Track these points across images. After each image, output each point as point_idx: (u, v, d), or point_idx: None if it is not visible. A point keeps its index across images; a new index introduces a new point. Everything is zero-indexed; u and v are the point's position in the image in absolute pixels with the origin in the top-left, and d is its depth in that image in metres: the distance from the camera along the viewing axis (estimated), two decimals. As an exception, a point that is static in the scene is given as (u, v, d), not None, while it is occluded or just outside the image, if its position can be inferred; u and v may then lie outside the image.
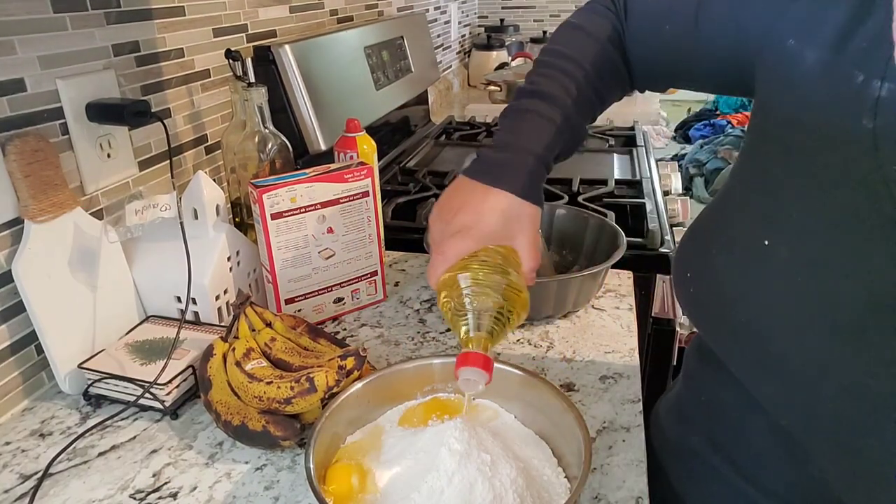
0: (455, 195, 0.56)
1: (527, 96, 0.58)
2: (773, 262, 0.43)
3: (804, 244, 0.41)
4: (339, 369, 0.58)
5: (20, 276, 0.62)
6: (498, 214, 0.53)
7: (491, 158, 0.56)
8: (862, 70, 0.37)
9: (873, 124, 0.36)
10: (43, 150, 0.64)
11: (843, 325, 0.38)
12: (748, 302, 0.45)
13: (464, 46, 2.45)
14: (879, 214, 0.37)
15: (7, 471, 0.57)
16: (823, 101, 0.40)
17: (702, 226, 0.53)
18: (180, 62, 0.87)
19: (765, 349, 0.44)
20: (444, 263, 0.52)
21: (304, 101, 1.01)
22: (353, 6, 1.41)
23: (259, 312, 0.66)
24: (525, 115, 0.57)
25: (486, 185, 0.54)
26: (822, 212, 0.40)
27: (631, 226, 1.04)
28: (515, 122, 0.58)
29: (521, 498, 0.46)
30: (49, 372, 0.67)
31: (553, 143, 0.57)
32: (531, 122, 0.57)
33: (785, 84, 0.44)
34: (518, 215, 0.54)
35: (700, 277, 0.50)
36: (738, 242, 0.47)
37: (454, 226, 0.53)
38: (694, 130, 3.89)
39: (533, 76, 0.59)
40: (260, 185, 0.70)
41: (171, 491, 0.55)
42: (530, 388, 0.56)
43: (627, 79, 0.62)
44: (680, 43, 0.55)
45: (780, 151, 0.44)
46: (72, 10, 0.69)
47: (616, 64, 0.60)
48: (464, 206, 0.54)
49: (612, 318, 0.79)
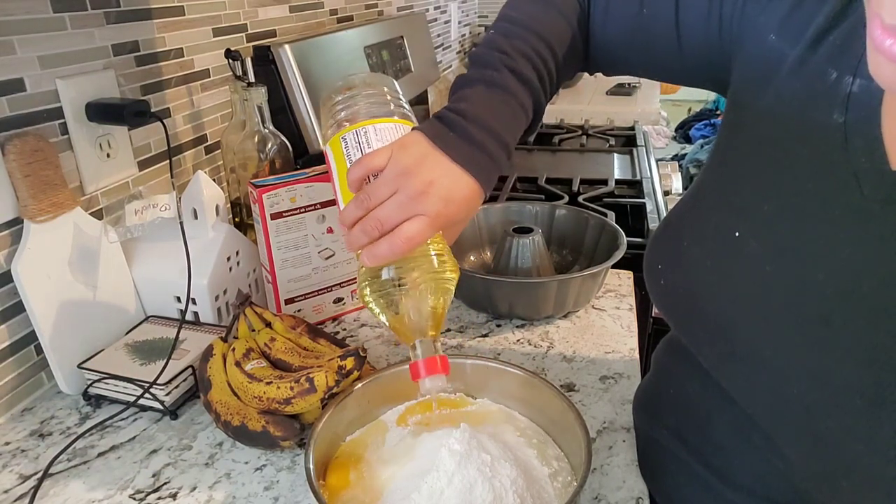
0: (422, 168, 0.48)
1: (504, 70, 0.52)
2: (743, 253, 0.43)
3: (773, 235, 0.42)
4: (339, 369, 0.58)
5: (20, 276, 0.62)
6: (465, 203, 0.49)
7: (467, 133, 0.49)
8: (836, 67, 0.39)
9: (844, 118, 0.38)
10: (42, 149, 0.64)
11: (809, 314, 0.39)
12: (718, 293, 0.45)
13: (464, 46, 2.45)
14: (847, 205, 0.38)
15: (7, 471, 0.57)
16: (798, 95, 0.42)
17: (675, 218, 0.53)
18: (180, 62, 0.87)
19: (733, 339, 0.44)
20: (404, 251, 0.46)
21: (303, 101, 1.01)
22: (353, 6, 1.41)
23: (259, 312, 0.66)
24: (503, 94, 0.52)
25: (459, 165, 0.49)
26: (792, 203, 0.41)
27: (631, 226, 1.04)
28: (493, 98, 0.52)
29: (522, 498, 0.46)
30: (49, 372, 0.67)
31: (520, 133, 0.54)
32: (509, 107, 0.52)
33: (762, 78, 0.45)
34: (475, 207, 0.51)
35: (671, 269, 0.50)
36: (709, 234, 0.47)
37: (419, 207, 0.46)
38: (694, 130, 3.89)
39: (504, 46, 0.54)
40: (260, 184, 0.70)
41: (170, 491, 0.54)
42: (530, 388, 0.56)
43: (583, 61, 0.59)
44: (655, 27, 0.53)
45: (753, 144, 0.45)
46: (71, 9, 0.69)
47: (578, 45, 0.57)
48: (433, 186, 0.47)
49: (612, 318, 0.79)
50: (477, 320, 0.80)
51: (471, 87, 0.52)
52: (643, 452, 0.58)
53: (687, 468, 0.54)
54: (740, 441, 0.49)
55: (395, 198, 0.47)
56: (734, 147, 0.48)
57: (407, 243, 0.46)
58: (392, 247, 0.46)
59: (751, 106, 0.46)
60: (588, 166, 1.36)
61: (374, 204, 0.47)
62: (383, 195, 0.47)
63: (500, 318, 0.80)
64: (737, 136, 0.48)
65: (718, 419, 0.50)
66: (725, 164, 0.49)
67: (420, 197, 0.47)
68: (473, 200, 0.50)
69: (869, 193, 0.37)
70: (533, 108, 0.54)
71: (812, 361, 0.39)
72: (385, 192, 0.47)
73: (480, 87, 0.52)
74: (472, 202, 0.50)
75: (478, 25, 2.59)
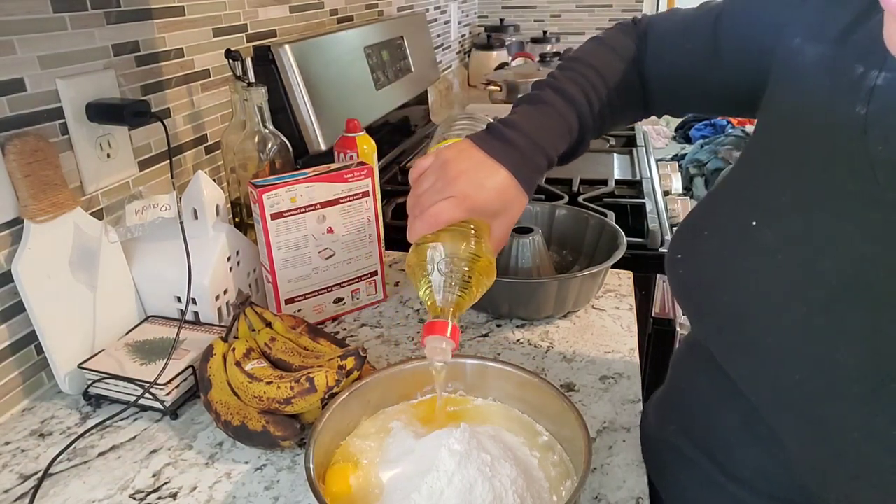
0: (458, 159, 0.55)
1: (548, 90, 0.60)
2: (758, 242, 0.44)
3: (787, 224, 0.43)
4: (339, 369, 0.58)
5: (20, 276, 0.62)
6: (496, 193, 0.54)
7: (503, 135, 0.56)
8: (863, 62, 0.40)
9: (866, 110, 0.39)
10: (43, 149, 0.64)
11: (815, 302, 0.40)
12: (730, 282, 0.46)
13: (464, 46, 2.45)
14: (861, 194, 0.39)
15: (7, 471, 0.57)
16: (823, 90, 0.43)
17: (697, 212, 0.55)
18: (180, 62, 0.87)
19: (743, 329, 0.45)
20: (432, 226, 0.52)
21: (304, 101, 1.01)
22: (353, 6, 1.41)
23: (259, 312, 0.66)
24: (544, 107, 0.59)
25: (493, 158, 0.55)
26: (807, 192, 0.42)
27: (631, 226, 1.04)
28: (534, 110, 0.59)
29: (522, 498, 0.46)
30: (49, 372, 0.67)
31: (561, 142, 0.59)
32: (548, 117, 0.58)
33: (788, 77, 0.46)
34: (511, 199, 0.56)
35: (689, 259, 0.51)
36: (727, 225, 0.48)
37: (450, 190, 0.53)
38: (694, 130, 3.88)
39: (555, 74, 0.61)
40: (260, 184, 0.70)
41: (171, 491, 0.54)
42: (530, 388, 0.56)
43: (642, 101, 0.64)
44: (698, 58, 0.57)
45: (777, 138, 0.47)
46: (72, 9, 0.69)
47: (633, 83, 0.62)
48: (465, 174, 0.54)
49: (612, 318, 0.79)
50: (477, 320, 0.80)
51: (518, 105, 0.61)
52: (651, 451, 0.58)
53: (691, 463, 0.54)
54: (745, 434, 0.49)
55: (433, 185, 0.54)
56: (759, 143, 0.49)
57: (432, 218, 0.52)
58: (422, 222, 0.53)
59: (778, 105, 0.48)
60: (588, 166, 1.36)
61: (420, 192, 0.55)
62: (427, 184, 0.55)
63: (500, 318, 0.80)
64: (762, 134, 0.49)
65: (724, 412, 0.51)
66: (750, 159, 0.50)
67: (452, 181, 0.53)
68: (507, 191, 0.55)
69: (884, 182, 0.38)
70: (579, 122, 0.59)
71: (815, 349, 0.40)
72: (428, 182, 0.55)
73: (524, 105, 0.60)
74: (505, 192, 0.55)
75: (478, 25, 2.59)
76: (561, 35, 2.51)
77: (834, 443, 0.40)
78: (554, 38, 2.46)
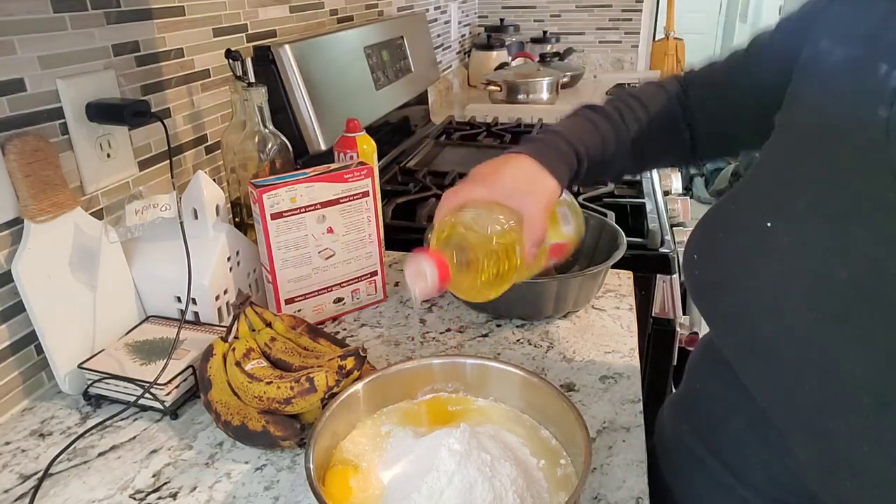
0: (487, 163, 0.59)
1: (587, 108, 0.65)
2: (773, 245, 0.44)
3: (803, 229, 0.42)
4: (339, 369, 0.58)
5: (20, 276, 0.62)
6: (516, 171, 0.56)
7: (530, 137, 0.61)
8: (887, 61, 0.39)
9: (888, 113, 0.38)
10: (43, 149, 0.64)
11: (827, 310, 0.39)
12: (742, 284, 0.46)
13: (464, 46, 2.45)
14: (880, 201, 0.38)
15: (7, 471, 0.57)
16: (846, 91, 0.42)
17: (715, 211, 0.54)
18: (180, 62, 0.87)
19: (753, 332, 0.44)
20: (454, 201, 0.55)
21: (304, 101, 1.01)
22: (353, 6, 1.41)
23: (259, 312, 0.66)
24: (577, 118, 0.64)
25: (516, 152, 0.59)
26: (825, 198, 0.41)
27: (631, 226, 1.04)
28: (566, 119, 0.64)
29: (522, 498, 0.46)
30: (49, 372, 0.67)
31: (588, 139, 0.61)
32: (580, 123, 0.63)
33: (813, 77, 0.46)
34: (534, 179, 0.57)
35: (704, 260, 0.51)
36: (743, 226, 0.48)
37: (472, 175, 0.57)
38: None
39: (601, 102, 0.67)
40: (260, 184, 0.70)
41: (171, 491, 0.55)
42: (530, 388, 0.56)
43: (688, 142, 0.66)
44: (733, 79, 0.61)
45: (796, 139, 0.46)
46: (72, 9, 0.69)
47: (676, 119, 0.65)
48: (485, 166, 0.58)
49: (612, 318, 0.79)
50: (477, 320, 0.80)
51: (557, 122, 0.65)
52: (666, 450, 0.58)
53: (703, 464, 0.54)
54: (756, 438, 0.49)
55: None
56: (778, 144, 0.48)
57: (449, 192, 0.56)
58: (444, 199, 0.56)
59: (799, 104, 0.47)
60: (588, 166, 1.36)
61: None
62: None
63: (500, 318, 0.80)
64: (782, 134, 0.48)
65: (736, 415, 0.51)
66: (768, 160, 0.49)
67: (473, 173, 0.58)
68: (526, 170, 0.57)
69: None
70: (613, 131, 0.63)
71: (825, 358, 0.39)
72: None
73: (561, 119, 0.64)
74: (523, 170, 0.57)
75: (478, 25, 2.59)
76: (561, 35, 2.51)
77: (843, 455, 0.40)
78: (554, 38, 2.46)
